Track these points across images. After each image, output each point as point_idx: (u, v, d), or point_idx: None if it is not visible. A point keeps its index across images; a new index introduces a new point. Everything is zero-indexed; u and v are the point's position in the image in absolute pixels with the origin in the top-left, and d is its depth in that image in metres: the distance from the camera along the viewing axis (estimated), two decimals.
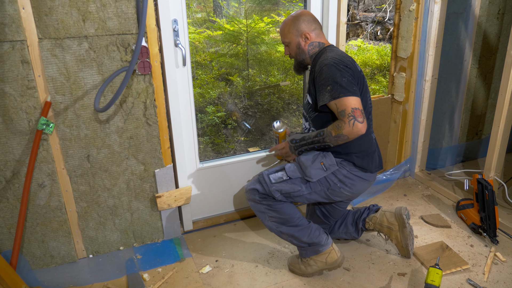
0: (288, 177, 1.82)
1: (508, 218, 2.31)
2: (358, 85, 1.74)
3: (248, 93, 3.14)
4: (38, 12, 1.66)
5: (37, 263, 2.02)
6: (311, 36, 1.84)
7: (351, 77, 1.69)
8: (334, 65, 1.69)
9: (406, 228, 1.99)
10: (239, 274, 2.00)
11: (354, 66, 1.78)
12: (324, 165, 1.80)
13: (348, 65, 1.73)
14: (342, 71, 1.68)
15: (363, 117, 1.64)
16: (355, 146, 1.80)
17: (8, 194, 1.86)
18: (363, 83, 1.81)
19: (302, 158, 1.84)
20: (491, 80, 2.88)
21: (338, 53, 1.78)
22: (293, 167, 1.85)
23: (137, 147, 2.02)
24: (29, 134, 1.81)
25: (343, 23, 2.29)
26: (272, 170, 1.88)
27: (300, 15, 1.85)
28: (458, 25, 2.60)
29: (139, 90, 1.93)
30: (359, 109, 1.64)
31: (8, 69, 1.69)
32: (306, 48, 1.85)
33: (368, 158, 1.85)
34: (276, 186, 1.82)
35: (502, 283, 1.88)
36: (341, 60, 1.72)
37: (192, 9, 3.22)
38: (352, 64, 1.76)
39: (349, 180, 1.83)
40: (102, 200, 2.06)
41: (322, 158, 1.81)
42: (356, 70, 1.77)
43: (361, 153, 1.82)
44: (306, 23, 1.83)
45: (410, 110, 2.69)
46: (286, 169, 1.84)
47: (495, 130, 2.22)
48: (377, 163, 1.91)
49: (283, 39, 1.91)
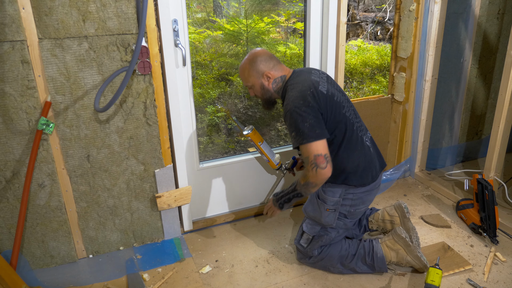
0: (312, 235, 1.93)
1: (508, 218, 2.31)
2: (326, 114, 1.73)
3: (248, 93, 3.14)
4: (38, 12, 1.66)
5: (37, 263, 2.02)
6: (272, 74, 1.86)
7: (313, 118, 1.68)
8: (296, 110, 1.69)
9: (407, 219, 2.01)
10: (239, 274, 2.00)
11: (318, 96, 1.73)
12: (330, 210, 1.88)
13: (309, 103, 1.69)
14: (303, 116, 1.68)
15: (326, 162, 1.68)
16: (348, 164, 1.82)
17: (8, 194, 1.86)
18: (335, 104, 1.77)
19: (309, 213, 1.94)
20: (491, 80, 2.88)
21: (299, 88, 1.75)
22: (309, 223, 1.95)
23: (137, 147, 2.02)
24: (29, 134, 1.81)
25: (343, 23, 2.29)
26: (298, 235, 2.00)
27: (255, 56, 1.86)
28: (458, 25, 2.60)
29: (139, 90, 1.93)
30: (321, 155, 1.67)
31: (8, 69, 1.69)
32: (270, 86, 1.88)
33: (367, 171, 1.85)
34: (310, 247, 1.95)
35: (502, 283, 1.88)
36: (302, 99, 1.70)
37: (192, 9, 3.22)
38: (315, 95, 1.72)
39: (358, 200, 1.89)
40: (102, 200, 2.06)
41: (323, 205, 1.88)
42: (322, 98, 1.73)
43: (357, 169, 1.83)
44: (264, 63, 1.85)
45: (410, 110, 2.69)
46: (305, 231, 1.95)
47: (495, 130, 2.22)
48: (378, 168, 1.91)
49: (245, 83, 1.92)
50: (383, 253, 1.91)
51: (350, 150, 1.81)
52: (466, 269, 1.96)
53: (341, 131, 1.79)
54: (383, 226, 2.10)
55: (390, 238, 1.93)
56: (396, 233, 1.91)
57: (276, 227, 2.37)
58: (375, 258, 1.90)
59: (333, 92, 1.81)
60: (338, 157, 1.81)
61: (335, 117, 1.77)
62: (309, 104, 1.69)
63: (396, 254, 1.91)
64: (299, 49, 3.54)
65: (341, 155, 1.81)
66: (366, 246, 1.93)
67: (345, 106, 1.83)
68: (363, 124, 1.94)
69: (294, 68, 1.93)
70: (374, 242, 1.94)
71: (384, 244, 1.93)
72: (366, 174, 1.85)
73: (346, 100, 1.87)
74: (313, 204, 1.93)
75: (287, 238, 2.27)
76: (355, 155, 1.82)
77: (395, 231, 1.92)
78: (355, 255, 1.92)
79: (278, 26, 3.59)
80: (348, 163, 1.81)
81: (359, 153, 1.83)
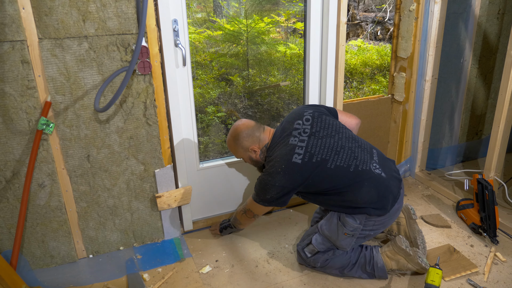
0: (318, 250, 1.90)
1: (508, 218, 2.31)
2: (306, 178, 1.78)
3: (248, 93, 3.14)
4: (38, 12, 1.66)
5: (37, 263, 2.02)
6: (258, 147, 1.93)
7: (275, 193, 1.82)
8: (265, 180, 1.83)
9: (413, 220, 2.00)
10: (239, 274, 2.00)
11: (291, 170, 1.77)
12: (348, 234, 1.83)
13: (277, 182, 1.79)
14: (267, 189, 1.83)
15: (253, 217, 2.04)
16: (359, 201, 1.78)
17: (8, 194, 1.86)
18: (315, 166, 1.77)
19: (325, 231, 1.88)
20: (491, 80, 2.88)
21: (271, 165, 1.83)
22: (320, 239, 1.90)
23: (137, 147, 2.02)
24: (29, 134, 1.80)
25: (343, 23, 2.29)
26: (304, 243, 1.96)
27: (237, 134, 1.93)
28: (458, 25, 2.60)
29: (139, 90, 1.93)
30: (253, 212, 2.00)
31: (8, 69, 1.69)
32: (258, 157, 1.96)
33: (384, 199, 1.80)
34: (313, 259, 1.92)
35: (502, 283, 1.88)
36: (271, 176, 1.81)
37: (192, 9, 3.22)
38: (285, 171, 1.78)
39: (380, 225, 1.86)
40: (102, 200, 2.05)
41: (342, 228, 1.83)
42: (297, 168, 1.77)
43: (372, 201, 1.78)
44: (247, 138, 1.92)
45: (410, 110, 2.69)
46: (314, 244, 1.91)
47: (495, 130, 2.22)
48: (395, 189, 1.84)
49: (236, 156, 2.04)
50: (383, 263, 1.88)
51: (355, 190, 1.78)
52: (473, 272, 1.94)
53: (334, 181, 1.79)
54: (389, 228, 2.09)
55: (390, 249, 1.90)
56: (396, 245, 1.88)
57: (276, 227, 2.37)
58: (375, 268, 1.88)
59: (313, 151, 1.78)
60: (346, 198, 1.80)
61: (320, 175, 1.78)
62: (276, 184, 1.79)
63: (396, 263, 1.89)
64: (299, 49, 3.54)
65: (348, 197, 1.79)
66: (367, 255, 1.90)
67: (330, 159, 1.78)
68: (367, 154, 1.85)
69: (275, 128, 1.97)
70: (375, 252, 1.91)
71: (385, 254, 1.90)
72: (384, 202, 1.80)
73: (335, 148, 1.80)
74: (331, 224, 1.86)
75: (287, 238, 2.27)
76: (363, 191, 1.77)
77: (395, 242, 1.88)
78: (355, 264, 1.90)
79: (278, 26, 3.59)
80: (358, 200, 1.78)
81: (368, 187, 1.78)
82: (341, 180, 1.78)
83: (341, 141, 1.83)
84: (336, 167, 1.77)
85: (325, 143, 1.81)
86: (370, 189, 1.77)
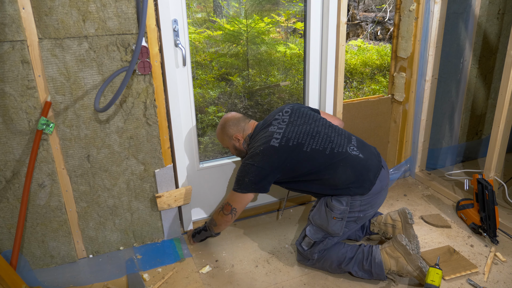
0: (314, 241, 1.94)
1: (508, 218, 2.31)
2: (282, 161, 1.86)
3: (248, 93, 3.14)
4: (38, 12, 1.66)
5: (37, 263, 2.02)
6: (241, 135, 2.06)
7: (254, 175, 1.87)
8: (245, 163, 1.91)
9: (409, 225, 2.00)
10: (239, 274, 2.00)
11: (269, 151, 1.87)
12: (337, 218, 1.89)
13: (256, 162, 1.87)
14: (247, 171, 1.88)
15: (230, 213, 1.98)
16: (336, 181, 1.87)
17: (8, 194, 1.86)
18: (291, 150, 1.87)
19: (316, 220, 1.94)
20: (491, 80, 2.88)
21: (252, 150, 1.94)
22: (313, 229, 1.95)
23: (137, 147, 2.02)
24: (29, 134, 1.80)
25: (343, 23, 2.29)
26: (300, 237, 2.01)
27: (225, 122, 2.09)
28: (458, 25, 2.60)
29: (139, 90, 1.93)
30: (231, 205, 1.96)
31: (8, 69, 1.69)
32: (241, 146, 2.08)
33: (362, 178, 1.87)
34: (310, 251, 1.95)
35: (502, 283, 1.88)
36: (252, 157, 1.90)
37: (192, 9, 3.22)
38: (264, 153, 1.87)
39: (367, 205, 1.91)
40: (102, 200, 2.05)
41: (330, 213, 1.89)
42: (273, 151, 1.87)
43: (349, 181, 1.86)
44: (233, 127, 2.07)
45: (410, 110, 2.69)
46: (308, 235, 1.95)
47: (495, 130, 2.22)
48: (375, 169, 1.91)
49: (223, 145, 2.16)
50: (381, 259, 1.87)
51: (331, 171, 1.87)
52: (472, 272, 1.94)
53: (310, 164, 1.87)
54: (385, 230, 2.09)
55: (390, 245, 1.88)
56: (396, 240, 1.86)
57: (276, 227, 2.37)
58: (372, 264, 1.87)
59: (290, 136, 1.90)
60: (323, 180, 1.89)
61: (297, 158, 1.87)
62: (255, 164, 1.87)
63: (396, 262, 1.85)
64: (299, 49, 3.54)
65: (324, 178, 1.88)
66: (365, 250, 1.91)
67: (306, 143, 1.89)
68: (344, 138, 1.96)
69: (257, 126, 2.07)
70: (374, 247, 1.91)
71: (384, 251, 1.88)
72: (362, 180, 1.87)
73: (310, 134, 1.92)
74: (320, 212, 1.92)
75: (287, 238, 2.27)
76: (339, 171, 1.86)
77: (396, 238, 1.87)
78: (352, 258, 1.91)
79: (278, 26, 3.59)
80: (336, 181, 1.87)
81: (344, 167, 1.87)
82: (316, 162, 1.87)
83: (317, 128, 1.96)
84: (311, 150, 1.88)
85: (301, 129, 1.94)
86: (345, 168, 1.86)
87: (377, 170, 1.92)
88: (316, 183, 1.91)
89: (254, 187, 1.89)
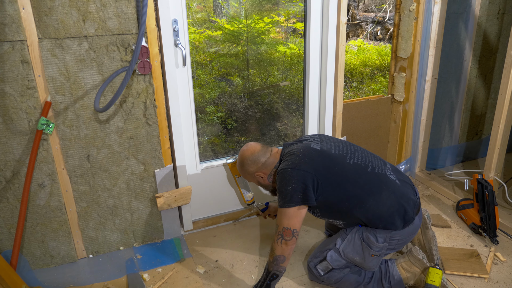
0: (332, 267, 1.79)
1: (508, 218, 2.31)
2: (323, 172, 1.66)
3: (248, 93, 3.14)
4: (38, 12, 1.66)
5: (37, 263, 2.02)
6: (264, 172, 1.85)
7: (297, 182, 1.64)
8: (282, 170, 1.69)
9: (428, 230, 1.92)
10: (239, 274, 2.00)
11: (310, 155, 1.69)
12: (375, 255, 1.74)
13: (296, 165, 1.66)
14: (288, 178, 1.65)
15: (291, 236, 1.65)
16: (382, 209, 1.68)
17: (8, 194, 1.86)
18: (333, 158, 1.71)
19: (348, 254, 1.76)
20: (491, 80, 2.88)
21: (288, 161, 1.72)
22: (335, 256, 1.78)
23: (137, 147, 2.02)
24: (29, 134, 1.80)
25: (343, 23, 2.29)
26: (317, 260, 1.84)
27: (242, 161, 1.87)
28: (458, 25, 2.60)
29: (139, 90, 1.93)
30: (289, 229, 1.65)
31: (8, 69, 1.69)
32: (266, 181, 1.87)
33: (406, 205, 1.71)
34: (327, 276, 1.81)
35: (502, 283, 1.88)
36: (291, 162, 1.69)
37: (192, 9, 3.22)
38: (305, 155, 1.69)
39: (405, 239, 1.76)
40: (102, 200, 2.05)
41: (368, 249, 1.72)
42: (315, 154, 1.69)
43: (393, 210, 1.68)
44: (251, 165, 1.84)
45: (410, 110, 2.69)
46: (329, 261, 1.79)
47: (495, 130, 2.22)
48: (413, 196, 1.76)
49: (248, 180, 1.97)
50: (400, 275, 1.80)
51: (376, 194, 1.68)
52: (480, 276, 1.91)
53: (355, 182, 1.69)
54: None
55: (406, 260, 1.82)
56: (412, 255, 1.80)
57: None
58: (392, 281, 1.79)
59: (329, 146, 1.75)
60: (366, 207, 1.68)
61: (341, 172, 1.69)
62: (295, 167, 1.66)
63: (413, 277, 1.80)
64: (299, 49, 3.54)
65: (368, 204, 1.68)
66: (382, 268, 1.83)
67: (348, 155, 1.74)
68: (379, 160, 1.80)
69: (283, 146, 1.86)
70: (390, 263, 1.84)
71: (400, 266, 1.82)
72: (405, 211, 1.70)
73: (349, 148, 1.78)
74: (355, 246, 1.75)
75: None
76: (383, 196, 1.68)
77: (411, 252, 1.81)
78: (372, 278, 1.81)
79: (278, 26, 3.59)
80: (380, 207, 1.68)
81: (387, 192, 1.69)
82: (361, 180, 1.68)
83: (353, 146, 1.82)
84: (354, 164, 1.70)
85: (338, 145, 1.78)
86: (389, 194, 1.69)
87: (416, 198, 1.76)
88: (357, 210, 1.69)
89: (300, 196, 1.63)
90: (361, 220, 1.73)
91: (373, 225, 1.71)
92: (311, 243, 2.22)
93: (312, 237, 2.26)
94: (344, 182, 1.68)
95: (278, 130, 3.10)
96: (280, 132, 3.08)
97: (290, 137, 3.05)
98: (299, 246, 2.19)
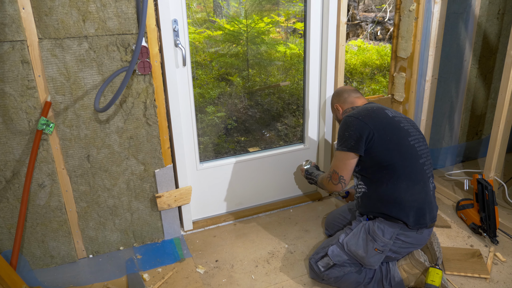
0: (333, 263, 1.82)
1: (508, 218, 2.31)
2: (381, 134, 1.72)
3: (248, 93, 3.14)
4: (38, 12, 1.66)
5: (37, 263, 2.02)
6: (341, 106, 2.01)
7: (354, 130, 1.74)
8: (346, 118, 1.81)
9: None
10: (239, 274, 2.00)
11: (378, 115, 1.78)
12: (378, 250, 1.75)
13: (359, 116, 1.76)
14: (348, 125, 1.78)
15: (338, 181, 1.81)
16: (406, 196, 1.70)
17: (8, 194, 1.86)
18: (399, 130, 1.76)
19: (351, 247, 1.78)
20: (491, 80, 2.88)
21: (360, 110, 1.84)
22: (337, 251, 1.81)
23: (137, 147, 2.02)
24: (29, 134, 1.80)
25: (343, 23, 2.29)
26: (318, 256, 1.87)
27: (334, 92, 2.11)
28: (458, 25, 2.60)
29: (139, 90, 1.93)
30: (338, 173, 1.80)
31: (8, 69, 1.69)
32: (340, 116, 2.03)
33: (424, 211, 1.72)
34: (327, 273, 1.83)
35: (502, 283, 1.88)
36: (357, 113, 1.80)
37: (192, 9, 3.22)
38: (371, 114, 1.78)
39: (410, 245, 1.77)
40: (102, 200, 2.06)
41: (372, 242, 1.74)
42: (383, 117, 1.77)
43: (414, 205, 1.70)
44: (336, 97, 2.06)
45: (410, 110, 2.69)
46: (330, 255, 1.82)
47: (495, 130, 2.22)
48: (435, 212, 1.78)
49: (332, 111, 2.15)
50: (401, 277, 1.80)
51: (411, 181, 1.71)
52: (481, 276, 1.91)
53: (403, 157, 1.72)
54: None
55: (407, 262, 1.83)
56: (414, 258, 1.81)
57: (276, 227, 2.37)
58: (392, 283, 1.80)
59: (401, 120, 1.80)
60: (396, 185, 1.71)
61: (398, 141, 1.73)
62: (359, 117, 1.77)
63: (414, 279, 1.81)
64: (299, 49, 3.54)
65: (400, 184, 1.71)
66: (383, 269, 1.83)
67: (414, 138, 1.77)
68: (431, 166, 1.83)
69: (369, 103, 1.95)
70: (391, 265, 1.84)
71: (401, 268, 1.83)
72: (423, 214, 1.72)
73: (418, 136, 1.80)
74: (360, 239, 1.77)
75: (287, 238, 2.27)
76: (416, 188, 1.71)
77: (413, 254, 1.82)
78: (372, 279, 1.82)
79: (278, 26, 3.58)
80: (407, 194, 1.70)
81: (421, 189, 1.72)
82: (410, 159, 1.73)
83: (422, 139, 1.84)
84: (412, 146, 1.75)
85: (411, 126, 1.83)
86: (421, 192, 1.73)
87: (432, 218, 1.77)
88: (386, 184, 1.72)
89: (352, 144, 1.72)
90: (381, 198, 1.74)
91: (387, 209, 1.72)
92: (311, 243, 2.22)
93: (312, 237, 2.27)
94: (394, 151, 1.73)
95: (278, 130, 3.10)
96: (280, 132, 3.08)
97: (290, 137, 3.05)
98: (299, 246, 2.20)
